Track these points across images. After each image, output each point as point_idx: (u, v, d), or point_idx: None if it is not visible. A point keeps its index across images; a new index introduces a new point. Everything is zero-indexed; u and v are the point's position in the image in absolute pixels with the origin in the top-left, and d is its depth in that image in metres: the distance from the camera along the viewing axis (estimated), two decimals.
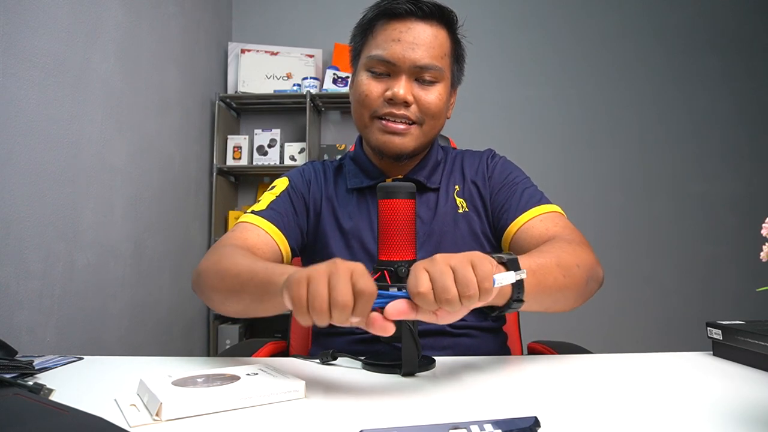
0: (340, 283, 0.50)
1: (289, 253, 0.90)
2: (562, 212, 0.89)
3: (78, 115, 1.59)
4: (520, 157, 1.11)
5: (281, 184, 0.96)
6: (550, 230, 0.84)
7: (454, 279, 0.51)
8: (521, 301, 0.62)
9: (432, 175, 0.95)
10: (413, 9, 0.84)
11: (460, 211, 0.93)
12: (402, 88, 0.84)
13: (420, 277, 0.52)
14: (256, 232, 0.86)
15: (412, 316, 0.53)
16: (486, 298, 0.53)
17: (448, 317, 0.54)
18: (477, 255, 0.54)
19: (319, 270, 0.52)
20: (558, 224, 0.86)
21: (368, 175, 0.95)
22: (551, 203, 0.90)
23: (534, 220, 0.87)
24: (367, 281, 0.51)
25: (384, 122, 0.86)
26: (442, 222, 0.92)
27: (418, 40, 0.84)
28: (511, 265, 0.60)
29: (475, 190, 0.95)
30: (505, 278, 0.55)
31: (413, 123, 0.87)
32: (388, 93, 0.85)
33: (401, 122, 0.86)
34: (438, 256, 0.54)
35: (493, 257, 0.58)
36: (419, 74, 0.85)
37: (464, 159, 0.99)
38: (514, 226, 0.88)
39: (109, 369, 0.73)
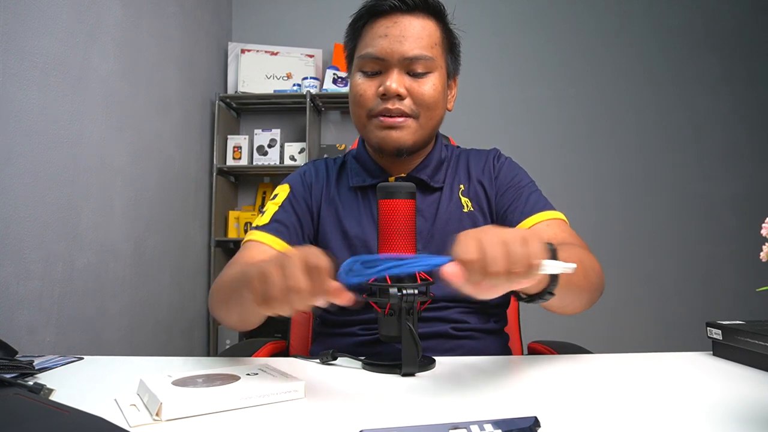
0: (294, 269, 0.50)
1: None
2: (566, 220, 0.90)
3: (78, 115, 1.59)
4: (520, 158, 1.11)
5: (282, 192, 0.95)
6: (558, 236, 0.84)
7: (505, 252, 0.49)
8: (553, 294, 0.61)
9: (435, 173, 0.94)
10: (398, 4, 0.84)
11: (465, 210, 0.92)
12: (394, 81, 0.84)
13: (469, 243, 0.50)
14: (262, 249, 0.86)
15: (460, 283, 0.51)
16: (530, 275, 0.50)
17: (489, 291, 0.52)
18: (529, 232, 0.52)
19: (270, 262, 0.52)
20: (565, 230, 0.86)
21: (370, 173, 0.94)
22: (555, 210, 0.90)
23: (541, 224, 0.86)
24: (317, 258, 0.50)
25: (380, 118, 0.86)
26: (445, 221, 0.91)
27: (405, 33, 0.84)
28: (552, 254, 0.59)
29: (481, 190, 0.94)
30: (554, 266, 0.54)
31: (409, 116, 0.86)
32: (381, 89, 0.85)
33: (397, 115, 0.86)
34: (489, 227, 0.52)
35: None
36: (410, 66, 0.85)
37: (469, 158, 0.99)
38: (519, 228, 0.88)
39: (109, 369, 0.73)
